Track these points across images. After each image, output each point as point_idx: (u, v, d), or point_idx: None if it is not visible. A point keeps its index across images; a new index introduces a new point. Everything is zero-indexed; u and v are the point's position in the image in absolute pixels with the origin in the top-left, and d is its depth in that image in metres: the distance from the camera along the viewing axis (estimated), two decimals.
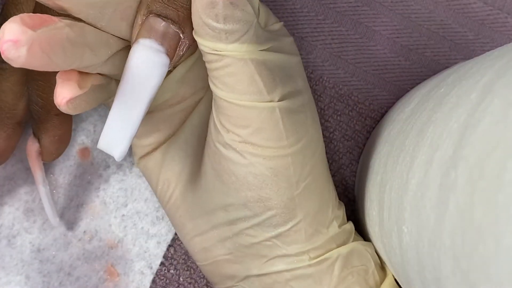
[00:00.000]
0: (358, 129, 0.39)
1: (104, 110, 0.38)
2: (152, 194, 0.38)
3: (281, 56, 0.30)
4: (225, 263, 0.33)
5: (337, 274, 0.31)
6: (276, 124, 0.29)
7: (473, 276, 0.21)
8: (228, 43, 0.27)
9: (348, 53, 0.39)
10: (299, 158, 0.30)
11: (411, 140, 0.28)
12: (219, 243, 0.32)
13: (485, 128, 0.22)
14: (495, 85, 0.23)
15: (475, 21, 0.38)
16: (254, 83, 0.28)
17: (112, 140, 0.27)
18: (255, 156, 0.29)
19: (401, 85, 0.39)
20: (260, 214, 0.30)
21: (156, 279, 0.37)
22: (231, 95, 0.28)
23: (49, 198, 0.36)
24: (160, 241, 0.38)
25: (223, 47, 0.27)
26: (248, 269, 0.32)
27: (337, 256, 0.31)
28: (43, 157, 0.34)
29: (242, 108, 0.28)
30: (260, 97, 0.28)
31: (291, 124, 0.29)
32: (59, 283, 0.37)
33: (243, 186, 0.30)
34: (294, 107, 0.30)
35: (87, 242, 0.37)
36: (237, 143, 0.29)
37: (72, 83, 0.26)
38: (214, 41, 0.27)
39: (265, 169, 0.29)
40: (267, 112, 0.29)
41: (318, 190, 0.31)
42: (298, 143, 0.30)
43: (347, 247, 0.32)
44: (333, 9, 0.38)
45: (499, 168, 0.20)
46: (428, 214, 0.24)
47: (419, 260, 0.26)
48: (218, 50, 0.27)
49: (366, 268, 0.32)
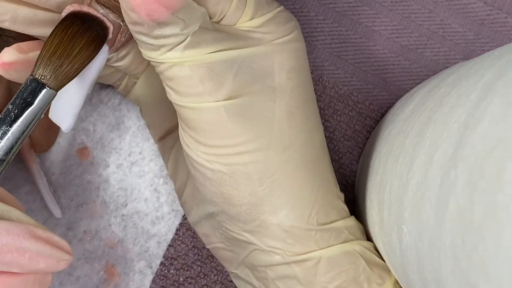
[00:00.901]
0: (358, 129, 0.39)
1: (104, 110, 0.38)
2: (152, 194, 0.38)
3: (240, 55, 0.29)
4: (220, 250, 0.34)
5: (322, 274, 0.31)
6: (223, 124, 0.29)
7: (473, 276, 0.21)
8: (160, 53, 0.28)
9: (348, 53, 0.39)
10: (259, 155, 0.30)
11: (411, 140, 0.28)
12: (212, 232, 0.33)
13: (485, 128, 0.22)
14: (495, 85, 0.23)
15: (475, 21, 0.38)
16: (194, 86, 0.28)
17: (60, 114, 0.31)
18: (208, 154, 0.30)
19: (401, 85, 0.39)
20: (227, 210, 0.31)
21: (156, 279, 0.37)
22: (177, 98, 0.29)
23: (47, 189, 0.36)
24: (160, 241, 0.38)
25: (155, 56, 0.28)
26: (238, 259, 0.33)
27: (319, 257, 0.31)
28: (35, 149, 0.35)
29: (187, 110, 0.29)
30: (202, 99, 0.29)
31: (245, 122, 0.29)
32: (59, 283, 0.37)
33: (206, 182, 0.30)
34: (252, 105, 0.29)
35: (87, 242, 0.37)
36: (192, 142, 0.30)
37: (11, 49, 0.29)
38: (149, 51, 0.28)
39: (220, 166, 0.30)
40: (211, 112, 0.29)
41: (292, 186, 0.31)
42: (257, 140, 0.29)
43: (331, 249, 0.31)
44: (333, 9, 0.38)
45: (499, 168, 0.20)
46: (428, 214, 0.24)
47: (419, 260, 0.26)
48: (153, 59, 0.28)
49: (356, 267, 0.31)
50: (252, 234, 0.31)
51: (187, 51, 0.28)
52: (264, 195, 0.30)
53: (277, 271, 0.31)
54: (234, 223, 0.31)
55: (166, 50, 0.28)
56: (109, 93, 0.38)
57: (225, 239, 0.33)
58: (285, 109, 0.30)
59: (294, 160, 0.31)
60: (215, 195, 0.31)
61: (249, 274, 0.33)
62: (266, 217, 0.30)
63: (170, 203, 0.38)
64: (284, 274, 0.31)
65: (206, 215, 0.33)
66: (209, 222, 0.33)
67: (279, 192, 0.30)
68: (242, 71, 0.29)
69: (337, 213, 0.32)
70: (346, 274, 0.31)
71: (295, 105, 0.31)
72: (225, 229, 0.32)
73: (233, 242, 0.33)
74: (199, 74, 0.28)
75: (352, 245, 0.32)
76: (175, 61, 0.28)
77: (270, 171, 0.30)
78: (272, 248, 0.31)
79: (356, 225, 0.33)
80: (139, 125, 0.38)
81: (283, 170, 0.30)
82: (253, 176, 0.30)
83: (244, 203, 0.30)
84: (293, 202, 0.31)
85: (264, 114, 0.30)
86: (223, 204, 0.31)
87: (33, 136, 0.34)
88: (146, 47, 0.28)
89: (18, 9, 0.28)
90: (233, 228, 0.32)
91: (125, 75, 0.34)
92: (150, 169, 0.38)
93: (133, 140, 0.38)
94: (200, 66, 0.28)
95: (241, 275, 0.34)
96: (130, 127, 0.38)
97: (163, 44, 0.27)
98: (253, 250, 0.32)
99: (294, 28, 0.31)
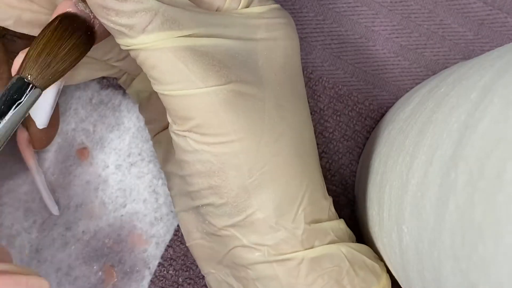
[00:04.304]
0: (358, 129, 0.39)
1: (104, 110, 0.38)
2: (150, 195, 0.38)
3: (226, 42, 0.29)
4: (200, 247, 0.33)
5: (304, 276, 0.30)
6: (215, 111, 0.28)
7: (473, 276, 0.21)
8: (133, 37, 0.27)
9: (348, 53, 0.39)
10: (251, 145, 0.29)
11: (411, 140, 0.28)
12: (194, 226, 0.33)
13: (485, 128, 0.22)
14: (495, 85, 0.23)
15: (474, 21, 0.38)
16: (179, 72, 0.27)
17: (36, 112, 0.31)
18: (198, 143, 0.29)
19: (401, 85, 0.39)
20: (214, 203, 0.30)
21: (155, 280, 0.37)
22: (161, 87, 0.28)
23: (44, 186, 0.36)
24: (159, 241, 0.37)
25: (130, 42, 0.27)
26: (217, 257, 0.32)
27: (302, 258, 0.30)
28: (34, 145, 0.34)
29: (175, 98, 0.28)
30: (190, 84, 0.27)
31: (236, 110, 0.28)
32: (57, 283, 0.37)
33: (194, 174, 0.30)
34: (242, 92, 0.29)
35: (86, 242, 0.37)
36: (182, 131, 0.29)
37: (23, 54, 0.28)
38: (122, 37, 0.27)
39: (210, 156, 0.29)
40: (202, 99, 0.28)
41: (281, 181, 0.30)
42: (248, 129, 0.29)
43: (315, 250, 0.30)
44: (333, 9, 0.38)
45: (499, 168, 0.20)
46: (428, 214, 0.24)
47: (419, 260, 0.26)
48: (129, 45, 0.27)
49: (340, 270, 0.30)
50: (236, 229, 0.30)
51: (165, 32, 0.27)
52: (253, 188, 0.29)
53: (257, 271, 0.30)
54: (218, 217, 0.31)
55: (138, 31, 0.27)
56: (109, 93, 0.38)
57: (206, 234, 0.32)
58: (274, 101, 0.30)
59: (285, 153, 0.30)
60: (203, 186, 0.30)
61: (228, 273, 0.32)
62: (253, 212, 0.30)
63: (168, 204, 0.38)
64: (265, 274, 0.30)
65: (191, 208, 0.32)
66: (194, 215, 0.32)
67: (268, 186, 0.29)
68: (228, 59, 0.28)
69: (323, 213, 0.31)
70: (329, 276, 0.30)
71: (284, 99, 0.30)
72: (208, 223, 0.31)
73: (214, 238, 0.32)
74: (184, 59, 0.27)
75: (339, 246, 0.31)
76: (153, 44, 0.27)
77: (260, 163, 0.29)
78: (255, 245, 0.30)
79: (344, 229, 0.32)
80: (139, 126, 0.38)
81: (274, 162, 0.29)
82: (243, 168, 0.29)
83: (231, 195, 0.29)
84: (281, 198, 0.30)
85: (255, 103, 0.29)
86: (211, 196, 0.30)
87: (32, 132, 0.34)
88: (118, 34, 0.27)
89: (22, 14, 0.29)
90: (217, 222, 0.31)
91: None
92: (149, 170, 0.38)
93: (132, 141, 0.38)
94: (184, 50, 0.27)
95: (219, 274, 0.33)
96: (130, 128, 0.38)
97: (131, 24, 0.26)
98: (235, 247, 0.31)
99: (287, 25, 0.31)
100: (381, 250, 0.32)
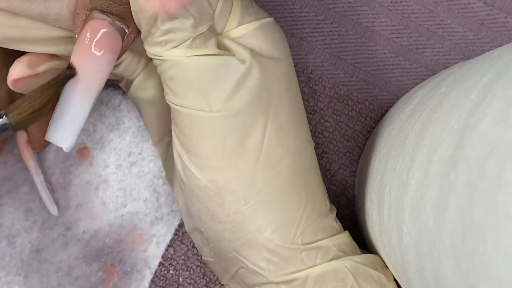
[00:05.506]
0: (358, 129, 0.39)
1: (104, 110, 0.38)
2: (151, 195, 0.38)
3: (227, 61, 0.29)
4: (212, 264, 0.34)
5: None
6: (215, 134, 0.28)
7: (473, 276, 0.21)
8: (166, 50, 0.28)
9: (348, 53, 0.39)
10: (246, 171, 0.29)
11: (411, 140, 0.28)
12: (202, 246, 0.33)
13: (485, 128, 0.22)
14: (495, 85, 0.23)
15: (474, 21, 0.38)
16: (193, 88, 0.28)
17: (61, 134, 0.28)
18: (197, 166, 0.29)
19: (401, 85, 0.39)
20: (214, 227, 0.31)
21: (156, 280, 0.37)
22: (175, 100, 0.29)
23: (44, 186, 0.36)
24: (159, 241, 0.37)
25: (161, 53, 0.28)
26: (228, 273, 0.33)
27: (306, 276, 0.30)
28: (32, 145, 0.34)
29: (184, 114, 0.29)
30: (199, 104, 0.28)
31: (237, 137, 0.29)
32: (57, 283, 0.37)
33: (193, 197, 0.30)
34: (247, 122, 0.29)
35: (86, 242, 0.37)
36: (183, 152, 0.29)
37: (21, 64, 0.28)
38: (155, 47, 0.28)
39: (207, 182, 0.29)
40: (205, 120, 0.28)
41: (277, 205, 0.30)
42: (244, 156, 0.29)
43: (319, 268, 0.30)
44: (333, 9, 0.38)
45: (499, 168, 0.20)
46: (428, 214, 0.24)
47: (419, 260, 0.26)
48: (158, 55, 0.28)
49: (344, 285, 0.30)
50: (238, 253, 0.31)
51: (192, 49, 0.28)
52: (249, 214, 0.30)
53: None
54: (220, 241, 0.31)
55: (172, 46, 0.27)
56: (109, 93, 0.38)
57: (214, 254, 0.33)
58: (276, 125, 0.30)
59: (281, 178, 0.30)
60: (202, 211, 0.30)
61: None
62: (251, 237, 0.30)
63: (169, 204, 0.38)
64: None
65: (196, 229, 0.33)
66: (199, 236, 0.33)
67: (264, 211, 0.30)
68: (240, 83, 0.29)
69: (324, 232, 0.31)
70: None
71: (285, 121, 0.30)
72: (213, 246, 0.32)
73: (222, 258, 0.32)
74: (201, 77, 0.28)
75: (342, 261, 0.31)
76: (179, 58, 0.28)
77: (256, 189, 0.29)
78: (257, 268, 0.31)
79: (347, 242, 0.32)
80: (139, 125, 0.38)
81: (269, 188, 0.30)
82: (239, 194, 0.29)
83: (229, 221, 0.30)
84: (278, 221, 0.30)
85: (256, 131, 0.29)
86: (210, 221, 0.30)
87: (31, 133, 0.34)
88: (153, 42, 0.28)
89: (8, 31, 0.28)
90: (220, 245, 0.31)
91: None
92: (149, 170, 0.38)
93: (133, 141, 0.38)
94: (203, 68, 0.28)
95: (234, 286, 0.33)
96: (130, 127, 0.38)
97: (171, 39, 0.27)
98: (241, 267, 0.31)
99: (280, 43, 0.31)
100: (381, 250, 0.32)
